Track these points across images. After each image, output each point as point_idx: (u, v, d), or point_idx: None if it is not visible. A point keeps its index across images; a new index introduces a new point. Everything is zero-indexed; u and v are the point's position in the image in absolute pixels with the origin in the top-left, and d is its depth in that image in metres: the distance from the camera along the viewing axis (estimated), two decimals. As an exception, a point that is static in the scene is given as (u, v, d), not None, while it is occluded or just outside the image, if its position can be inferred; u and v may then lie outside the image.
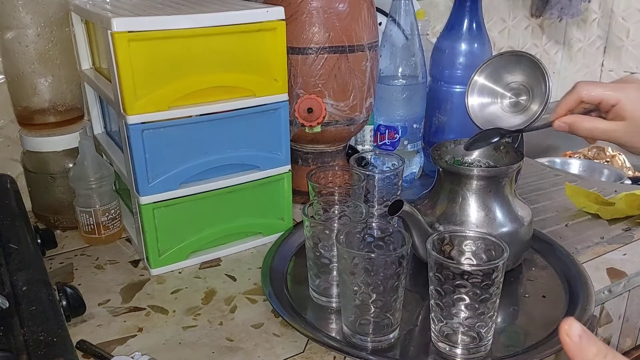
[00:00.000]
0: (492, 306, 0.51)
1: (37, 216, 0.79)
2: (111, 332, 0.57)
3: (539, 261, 0.68)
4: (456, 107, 0.88)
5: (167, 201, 0.65)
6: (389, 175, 0.72)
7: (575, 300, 0.59)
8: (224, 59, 0.64)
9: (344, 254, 0.52)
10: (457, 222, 0.63)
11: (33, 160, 0.76)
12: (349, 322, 0.55)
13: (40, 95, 0.75)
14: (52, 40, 0.74)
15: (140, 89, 0.59)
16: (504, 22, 1.29)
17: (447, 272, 0.50)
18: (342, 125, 0.80)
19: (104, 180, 0.72)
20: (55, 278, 0.66)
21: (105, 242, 0.74)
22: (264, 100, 0.67)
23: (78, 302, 0.57)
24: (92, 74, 0.76)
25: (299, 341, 0.55)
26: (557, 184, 0.92)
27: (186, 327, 0.58)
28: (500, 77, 0.69)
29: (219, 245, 0.72)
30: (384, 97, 0.87)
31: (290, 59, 0.74)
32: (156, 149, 0.62)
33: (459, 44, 0.85)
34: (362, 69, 0.78)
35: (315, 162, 0.84)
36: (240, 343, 0.55)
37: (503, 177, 0.63)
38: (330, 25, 0.74)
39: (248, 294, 0.63)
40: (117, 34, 0.57)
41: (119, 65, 0.58)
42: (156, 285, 0.65)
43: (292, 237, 0.73)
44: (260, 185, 0.71)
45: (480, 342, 0.52)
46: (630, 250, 0.71)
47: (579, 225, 0.78)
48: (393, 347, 0.54)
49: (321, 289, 0.61)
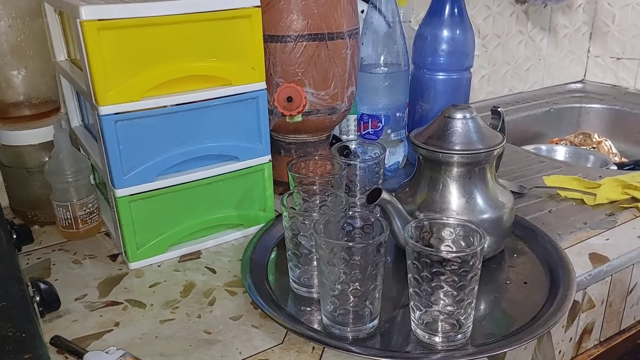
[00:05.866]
0: (471, 293, 0.50)
1: (15, 212, 0.78)
2: (87, 327, 0.56)
3: (520, 247, 0.68)
4: (439, 94, 0.87)
5: (144, 193, 0.64)
6: (371, 165, 0.72)
7: (556, 286, 0.59)
8: (198, 47, 0.62)
9: (322, 244, 0.51)
10: (437, 210, 0.62)
11: (8, 154, 0.74)
12: (328, 312, 0.54)
13: (14, 88, 0.74)
14: (24, 31, 0.72)
15: (112, 79, 0.58)
16: (489, 9, 1.28)
17: (425, 260, 0.49)
18: (323, 115, 0.79)
19: (80, 174, 0.71)
20: (32, 274, 0.65)
21: (83, 237, 0.72)
22: (241, 89, 0.66)
23: (52, 297, 0.56)
24: (67, 66, 0.74)
25: (277, 332, 0.55)
26: (541, 170, 0.91)
27: (163, 321, 0.57)
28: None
29: (199, 238, 0.71)
30: (366, 86, 0.86)
31: (268, 47, 0.73)
32: (130, 141, 0.61)
33: (441, 30, 0.84)
34: (343, 57, 0.77)
35: (297, 153, 0.83)
36: (218, 335, 0.54)
37: (483, 163, 0.62)
38: (308, 12, 0.73)
39: (228, 287, 0.63)
40: (86, 23, 0.55)
41: (89, 55, 0.56)
42: (134, 279, 0.64)
43: (274, 228, 0.72)
44: (239, 176, 0.70)
45: (460, 329, 0.51)
46: (613, 235, 0.70)
47: (562, 211, 0.77)
48: (373, 336, 0.53)
49: (301, 280, 0.60)
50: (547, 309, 0.56)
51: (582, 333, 0.66)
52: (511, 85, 1.42)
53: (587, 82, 1.53)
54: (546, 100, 1.41)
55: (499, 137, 0.64)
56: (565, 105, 1.41)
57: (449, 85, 0.87)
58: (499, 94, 1.40)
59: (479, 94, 1.36)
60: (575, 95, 1.45)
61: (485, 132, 0.63)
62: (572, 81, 1.52)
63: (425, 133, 0.64)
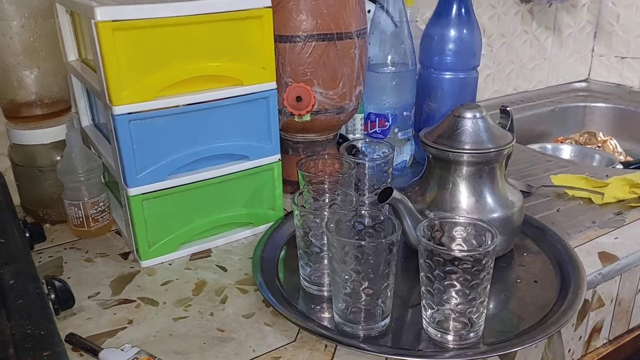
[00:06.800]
0: (483, 292, 0.51)
1: (26, 210, 0.78)
2: (101, 325, 0.56)
3: (530, 246, 0.68)
4: (446, 94, 0.88)
5: (156, 192, 0.64)
6: (379, 163, 0.72)
7: (566, 284, 0.59)
8: (210, 48, 0.63)
9: (334, 242, 0.52)
10: (447, 209, 0.63)
11: (20, 154, 0.75)
12: (340, 310, 0.54)
13: (26, 87, 0.74)
14: (36, 31, 0.73)
15: (125, 79, 0.59)
16: (494, 9, 1.29)
17: (437, 259, 0.49)
18: (331, 114, 0.79)
19: (92, 173, 0.71)
20: (44, 272, 0.65)
21: (94, 235, 0.73)
22: (252, 89, 0.66)
23: (67, 295, 0.56)
24: (78, 66, 0.75)
25: (290, 330, 0.55)
26: (548, 169, 0.92)
27: (177, 319, 0.57)
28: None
29: (210, 236, 0.71)
30: (373, 85, 0.87)
31: (278, 47, 0.73)
32: (143, 140, 0.61)
33: (447, 30, 0.85)
34: (351, 57, 0.77)
35: (305, 152, 0.84)
36: (232, 333, 0.55)
37: (493, 162, 0.62)
38: (317, 12, 0.73)
39: (239, 285, 0.63)
40: (100, 24, 0.56)
41: (104, 55, 0.57)
42: (146, 277, 0.65)
43: (283, 226, 0.72)
44: (250, 175, 0.70)
45: (472, 327, 0.52)
46: (622, 234, 0.71)
47: (570, 210, 0.78)
48: (384, 334, 0.54)
49: (312, 278, 0.61)
50: (557, 307, 0.56)
51: (591, 332, 0.67)
52: (516, 84, 1.42)
53: (592, 81, 1.53)
54: (551, 99, 1.41)
55: (509, 136, 0.64)
56: (569, 104, 1.41)
57: (456, 84, 0.87)
58: (503, 93, 1.40)
59: (484, 92, 1.36)
60: (580, 95, 1.46)
61: (495, 132, 0.63)
62: (577, 80, 1.52)
63: (435, 132, 0.65)
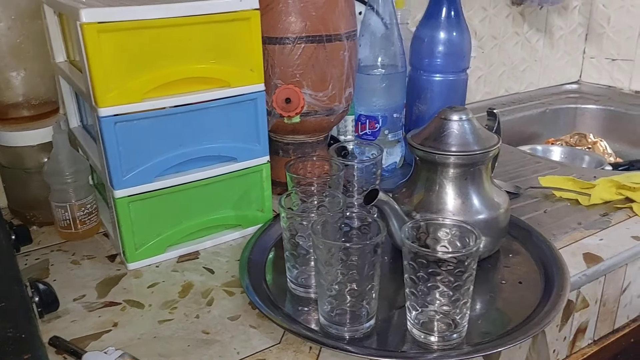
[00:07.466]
0: (467, 293, 0.51)
1: (13, 212, 0.78)
2: (85, 328, 0.56)
3: (516, 247, 0.68)
4: (436, 95, 0.88)
5: (143, 194, 0.64)
6: (368, 165, 0.72)
7: (550, 285, 0.60)
8: (197, 50, 0.63)
9: (320, 244, 0.52)
10: (434, 210, 0.63)
11: (7, 155, 0.75)
12: (325, 312, 0.54)
13: (13, 89, 0.74)
14: (23, 33, 0.72)
15: (111, 81, 0.58)
16: (485, 11, 1.29)
17: (421, 260, 0.50)
18: (321, 116, 0.79)
19: (79, 175, 0.71)
20: (30, 274, 0.65)
21: (82, 237, 0.73)
22: (240, 90, 0.66)
23: (51, 298, 0.56)
24: (66, 67, 0.75)
25: (275, 332, 0.55)
26: (537, 171, 0.92)
27: (162, 321, 0.57)
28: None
29: (198, 238, 0.71)
30: (363, 87, 0.87)
31: (267, 49, 0.74)
32: (130, 142, 0.61)
33: (437, 32, 0.85)
34: (341, 59, 0.77)
35: (295, 153, 0.84)
36: (216, 335, 0.55)
37: (479, 164, 0.63)
38: (306, 14, 0.73)
39: (226, 287, 0.63)
40: (86, 25, 0.56)
41: (89, 57, 0.57)
42: (133, 280, 0.65)
43: (272, 228, 0.72)
44: (238, 177, 0.70)
45: (455, 328, 0.52)
46: (607, 236, 0.71)
47: (557, 211, 0.78)
48: (369, 336, 0.54)
49: (299, 280, 0.61)
50: (541, 308, 0.56)
51: (576, 332, 0.67)
52: (507, 86, 1.43)
53: (583, 83, 1.54)
54: (542, 101, 1.42)
55: (495, 138, 0.64)
56: (560, 105, 1.41)
57: (446, 86, 0.87)
58: (495, 94, 1.41)
59: (476, 94, 1.36)
60: (571, 96, 1.46)
61: (481, 134, 0.64)
62: (568, 82, 1.53)
63: (422, 134, 0.65)
